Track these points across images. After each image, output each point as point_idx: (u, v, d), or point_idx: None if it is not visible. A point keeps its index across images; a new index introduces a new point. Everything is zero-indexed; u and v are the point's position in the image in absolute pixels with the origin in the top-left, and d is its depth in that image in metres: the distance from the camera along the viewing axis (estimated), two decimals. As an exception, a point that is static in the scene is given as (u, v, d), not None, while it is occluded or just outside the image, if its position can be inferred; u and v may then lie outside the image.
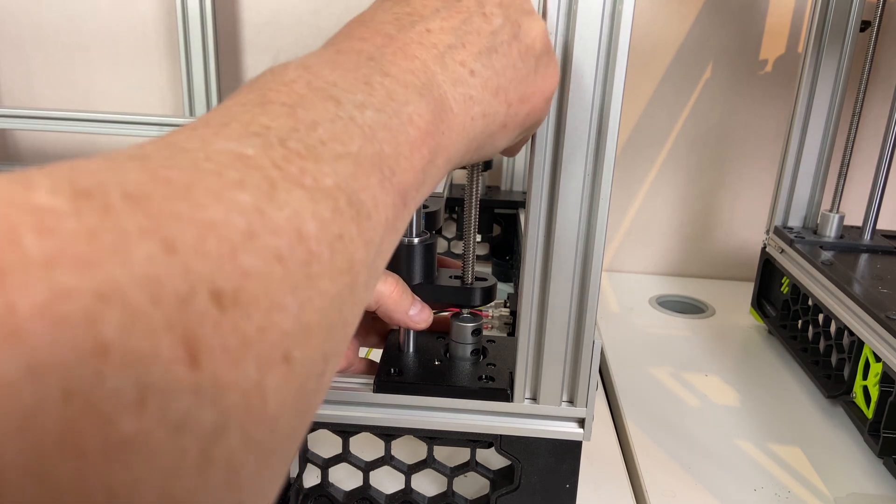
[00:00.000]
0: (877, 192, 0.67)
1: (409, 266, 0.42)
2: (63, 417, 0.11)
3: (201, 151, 0.17)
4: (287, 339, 0.16)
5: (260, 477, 0.15)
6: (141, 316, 0.13)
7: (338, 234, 0.18)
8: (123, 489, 0.12)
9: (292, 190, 0.17)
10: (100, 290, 0.12)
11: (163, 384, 0.13)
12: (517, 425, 0.41)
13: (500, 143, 0.31)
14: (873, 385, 0.55)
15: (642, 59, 0.86)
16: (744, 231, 0.92)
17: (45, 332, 0.11)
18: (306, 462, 0.46)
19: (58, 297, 0.12)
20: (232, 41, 0.89)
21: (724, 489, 0.51)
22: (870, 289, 0.59)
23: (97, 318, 0.12)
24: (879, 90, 0.83)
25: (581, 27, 0.34)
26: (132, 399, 0.12)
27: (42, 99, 0.91)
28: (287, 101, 0.20)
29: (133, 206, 0.14)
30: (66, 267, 0.12)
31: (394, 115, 0.23)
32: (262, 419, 0.15)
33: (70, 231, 0.12)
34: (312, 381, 0.17)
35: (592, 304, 0.38)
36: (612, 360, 0.69)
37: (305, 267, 0.16)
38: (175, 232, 0.14)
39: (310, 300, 0.16)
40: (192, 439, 0.13)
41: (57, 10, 0.88)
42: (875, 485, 0.52)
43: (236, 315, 0.14)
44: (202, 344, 0.13)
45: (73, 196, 0.13)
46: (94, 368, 0.12)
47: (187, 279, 0.14)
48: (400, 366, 0.43)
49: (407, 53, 0.25)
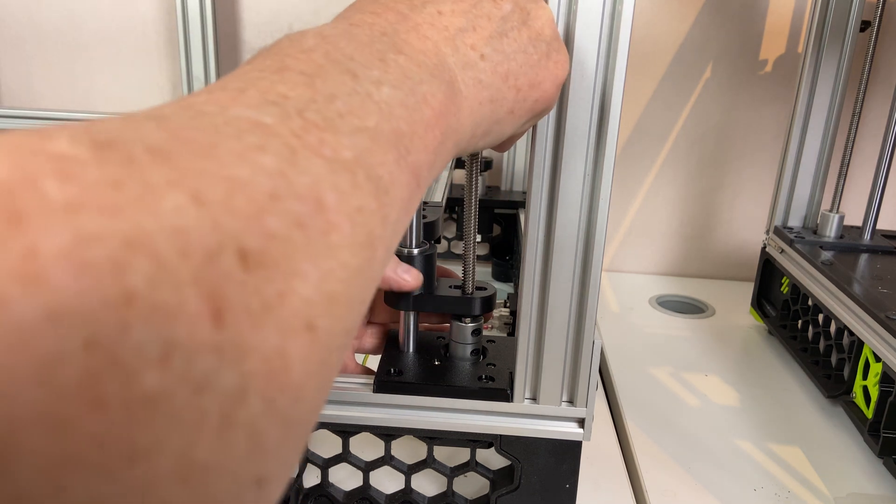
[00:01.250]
0: (877, 192, 0.67)
1: None
2: (85, 368, 0.11)
3: (220, 116, 0.16)
4: (309, 308, 0.15)
5: (284, 447, 0.15)
6: (169, 268, 0.12)
7: (357, 206, 0.17)
8: (143, 447, 0.12)
9: (312, 159, 0.17)
10: (128, 237, 0.12)
11: (187, 341, 0.12)
12: (517, 425, 0.41)
13: (507, 130, 0.30)
14: (873, 385, 0.55)
15: (642, 59, 0.86)
16: (744, 231, 0.92)
17: (69, 277, 0.11)
18: (306, 462, 0.46)
19: (84, 241, 0.11)
20: (232, 41, 0.89)
21: (724, 489, 0.51)
22: (870, 289, 0.59)
23: (125, 266, 0.11)
24: (879, 90, 0.83)
25: (581, 27, 0.34)
26: (156, 354, 0.12)
27: (42, 99, 0.91)
28: (305, 70, 0.20)
29: (158, 158, 0.13)
30: (90, 212, 0.11)
31: (409, 93, 0.22)
32: (285, 388, 0.14)
33: (93, 179, 0.12)
34: (336, 355, 0.17)
35: (592, 304, 0.38)
36: (612, 360, 0.69)
37: (324, 237, 0.16)
38: (203, 186, 0.13)
39: (331, 271, 0.16)
40: (213, 401, 0.13)
41: (57, 10, 0.88)
42: (875, 485, 0.52)
43: (259, 277, 0.14)
44: (227, 303, 0.13)
45: (93, 147, 0.12)
46: (119, 318, 0.11)
47: (215, 234, 0.13)
48: (400, 366, 0.43)
49: (419, 33, 0.25)
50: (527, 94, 0.29)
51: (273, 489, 0.15)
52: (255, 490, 0.14)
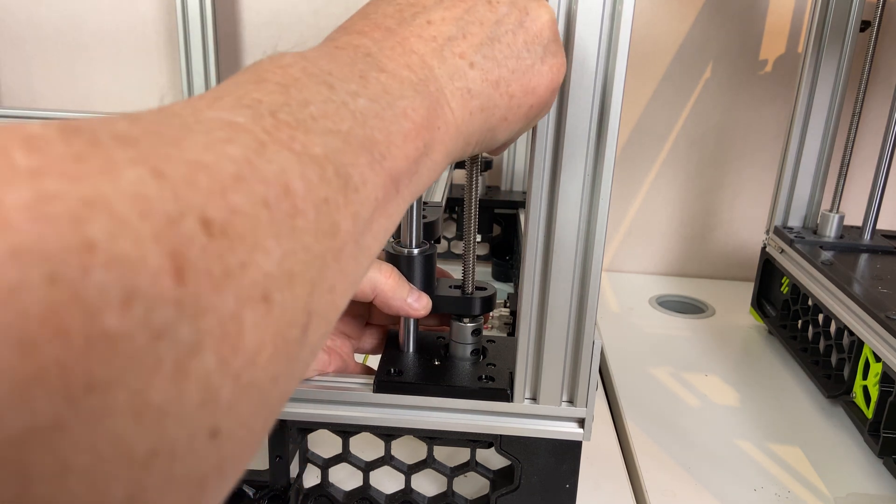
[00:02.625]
0: (877, 192, 0.67)
1: (408, 277, 0.42)
2: (48, 299, 0.12)
3: (192, 117, 0.17)
4: (268, 280, 0.16)
5: (238, 408, 0.16)
6: (128, 225, 0.13)
7: (324, 197, 0.18)
8: (101, 379, 0.12)
9: (281, 151, 0.18)
10: (86, 197, 0.13)
11: (148, 291, 0.13)
12: (517, 425, 0.41)
13: (502, 136, 0.30)
14: (873, 385, 0.55)
15: (642, 59, 0.86)
16: (744, 231, 0.92)
17: (29, 224, 0.12)
18: (306, 462, 0.46)
19: (43, 198, 0.12)
20: (232, 41, 0.89)
21: (724, 489, 0.51)
22: (870, 289, 0.59)
23: (83, 219, 0.13)
24: (879, 90, 0.83)
25: (581, 27, 0.34)
26: (117, 298, 0.13)
27: (42, 99, 0.91)
28: (281, 81, 0.20)
29: (122, 142, 0.14)
30: (52, 177, 0.13)
31: (387, 106, 0.23)
32: (237, 350, 0.15)
33: (58, 152, 0.13)
34: (295, 331, 0.17)
35: (592, 304, 0.38)
36: (612, 360, 0.69)
37: (290, 219, 0.17)
38: (165, 165, 0.15)
39: (293, 251, 0.17)
40: (169, 349, 0.14)
41: (57, 10, 0.88)
42: (875, 485, 0.52)
43: (222, 245, 0.15)
44: (188, 263, 0.14)
45: (61, 130, 0.14)
46: (79, 261, 0.12)
47: (177, 203, 0.14)
48: (400, 366, 0.43)
49: (405, 48, 0.25)
50: (521, 100, 0.29)
51: (230, 446, 0.16)
52: (209, 441, 0.15)
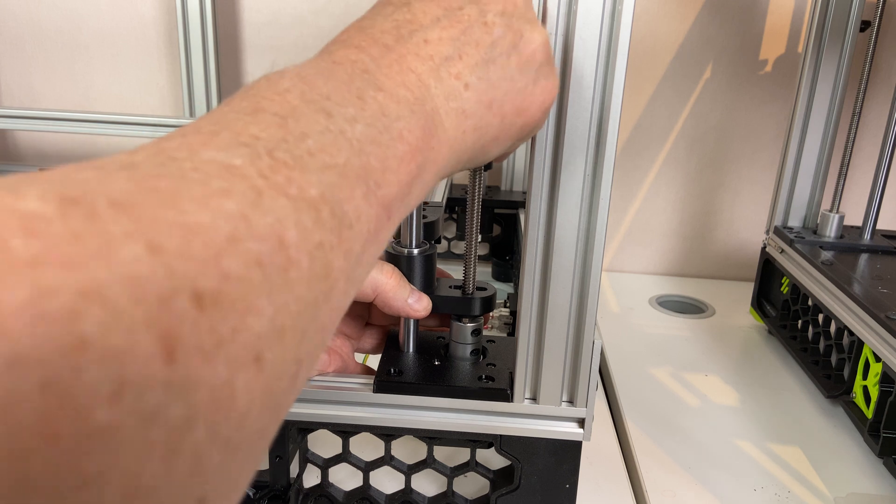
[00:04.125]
0: (877, 192, 0.67)
1: (409, 276, 0.42)
2: (40, 408, 0.12)
3: (189, 161, 0.17)
4: (259, 341, 0.16)
5: (226, 470, 0.16)
6: (121, 313, 0.13)
7: (318, 242, 0.19)
8: (93, 475, 0.12)
9: (277, 199, 0.18)
10: (82, 288, 0.13)
11: (138, 378, 0.13)
12: (517, 425, 0.41)
13: (493, 154, 0.31)
14: (873, 385, 0.55)
15: (642, 59, 0.86)
16: (744, 231, 0.92)
17: (26, 327, 0.12)
18: (306, 462, 0.46)
19: (41, 294, 0.12)
20: (232, 41, 0.89)
21: (724, 489, 0.51)
22: (870, 289, 0.59)
23: (78, 314, 0.12)
24: (879, 90, 0.83)
25: (581, 27, 0.34)
26: (108, 392, 0.13)
27: (42, 99, 0.91)
28: (279, 112, 0.20)
29: (119, 211, 0.14)
30: (50, 266, 0.12)
31: (384, 130, 0.23)
32: (229, 416, 0.15)
33: (56, 233, 0.13)
34: (284, 382, 0.17)
35: (592, 304, 0.38)
36: (612, 360, 0.69)
37: (283, 273, 0.17)
38: (160, 235, 0.14)
39: (285, 305, 0.17)
40: (160, 431, 0.13)
41: (57, 9, 0.88)
42: (875, 485, 0.52)
43: (214, 316, 0.15)
44: (179, 342, 0.14)
45: (60, 202, 0.13)
46: (72, 363, 0.12)
47: (170, 280, 0.14)
48: (400, 366, 0.43)
49: (402, 66, 0.25)
50: (512, 120, 0.29)
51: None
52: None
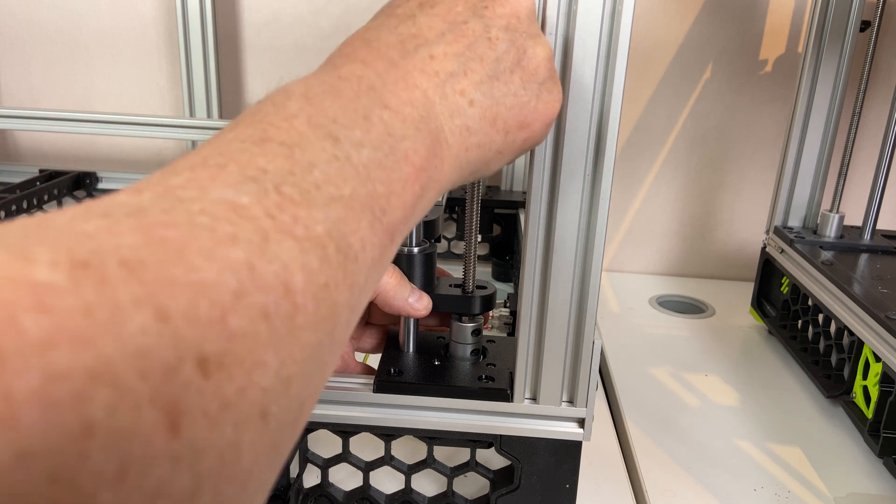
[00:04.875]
0: (877, 192, 0.67)
1: (409, 275, 0.42)
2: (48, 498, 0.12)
3: (198, 202, 0.17)
4: (266, 396, 0.16)
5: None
6: (128, 392, 0.13)
7: (324, 283, 0.18)
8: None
9: (283, 241, 0.17)
10: (92, 369, 0.12)
11: (142, 456, 0.13)
12: (517, 425, 0.41)
13: (495, 167, 0.31)
14: (873, 385, 0.55)
15: (642, 59, 0.86)
16: (744, 231, 0.92)
17: (36, 416, 0.12)
18: (306, 462, 0.46)
19: (52, 379, 0.12)
20: (232, 41, 0.89)
21: (724, 489, 0.51)
22: (870, 289, 0.59)
23: (87, 398, 0.12)
24: (879, 90, 0.83)
25: (581, 27, 0.34)
26: (112, 474, 0.12)
27: (42, 99, 0.91)
28: (286, 141, 0.20)
29: (129, 272, 0.14)
30: (61, 346, 0.12)
31: (390, 152, 0.23)
32: (234, 477, 0.15)
33: (67, 308, 0.13)
34: (286, 432, 0.17)
35: (592, 304, 0.38)
36: (612, 360, 0.69)
37: (290, 321, 0.17)
38: (168, 299, 0.14)
39: (290, 354, 0.17)
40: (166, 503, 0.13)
41: (57, 9, 0.88)
42: (875, 485, 0.52)
43: (219, 379, 0.14)
44: (184, 412, 0.14)
45: (71, 269, 0.13)
46: (79, 449, 0.12)
47: (176, 350, 0.14)
48: (400, 366, 0.43)
49: (408, 82, 0.25)
50: (515, 135, 0.29)
51: None
52: None
